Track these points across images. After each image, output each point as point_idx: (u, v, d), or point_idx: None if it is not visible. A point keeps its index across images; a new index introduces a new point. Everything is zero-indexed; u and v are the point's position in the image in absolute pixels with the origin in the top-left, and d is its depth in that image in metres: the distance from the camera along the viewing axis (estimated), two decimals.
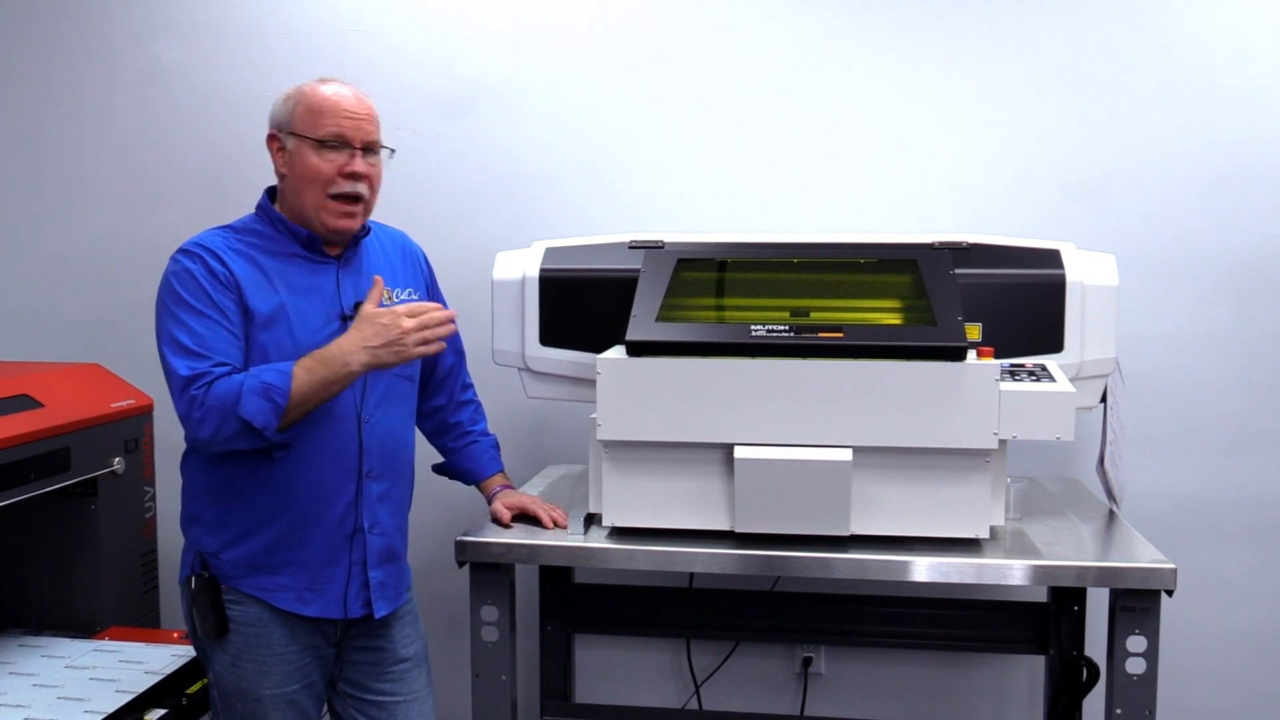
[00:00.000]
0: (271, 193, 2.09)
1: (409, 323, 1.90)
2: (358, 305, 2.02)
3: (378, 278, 2.01)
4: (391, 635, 2.14)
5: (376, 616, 2.08)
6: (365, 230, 2.12)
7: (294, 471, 1.98)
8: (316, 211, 2.00)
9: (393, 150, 2.09)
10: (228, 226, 2.06)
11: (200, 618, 2.00)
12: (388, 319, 1.91)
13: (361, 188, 2.01)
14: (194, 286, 1.94)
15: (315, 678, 2.07)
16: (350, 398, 2.01)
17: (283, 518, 1.99)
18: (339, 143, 1.98)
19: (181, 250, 1.98)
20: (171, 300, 1.95)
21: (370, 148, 2.02)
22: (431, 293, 2.27)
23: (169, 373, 1.93)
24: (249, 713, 2.02)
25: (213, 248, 1.98)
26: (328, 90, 2.01)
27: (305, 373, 1.88)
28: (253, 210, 2.08)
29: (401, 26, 2.98)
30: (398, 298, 2.13)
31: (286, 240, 2.04)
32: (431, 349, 1.94)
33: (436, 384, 2.32)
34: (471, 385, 2.39)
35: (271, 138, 2.04)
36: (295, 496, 1.99)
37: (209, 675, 2.07)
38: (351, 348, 1.89)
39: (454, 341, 2.33)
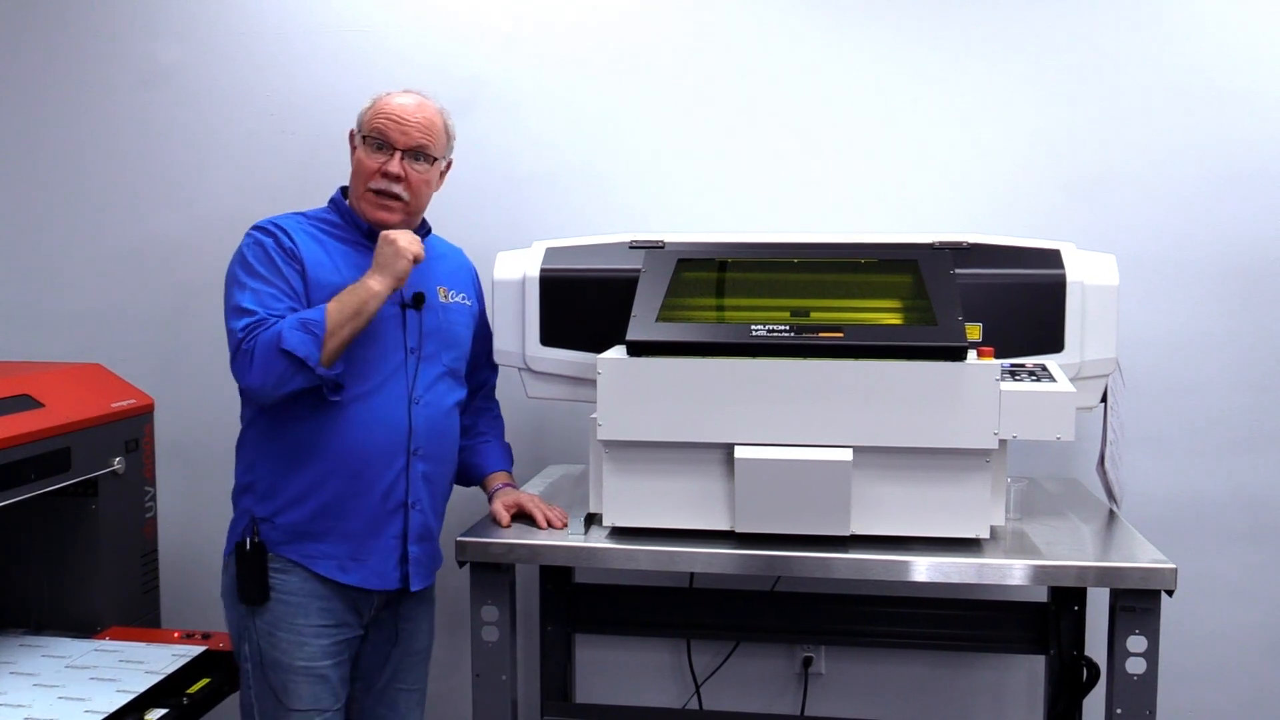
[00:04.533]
0: (346, 189, 2.26)
1: (394, 236, 2.08)
2: (418, 296, 2.18)
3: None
4: (412, 626, 2.26)
5: (413, 589, 2.18)
6: (426, 229, 2.29)
7: (346, 438, 2.09)
8: (358, 202, 2.19)
9: (449, 162, 2.27)
10: (300, 213, 2.23)
11: (242, 583, 2.10)
12: (381, 245, 2.09)
13: (397, 188, 2.16)
14: (263, 256, 2.10)
15: (345, 658, 2.17)
16: (403, 377, 2.14)
17: (332, 483, 2.10)
18: (381, 141, 2.15)
19: (256, 226, 2.15)
20: (241, 269, 2.11)
21: (416, 153, 2.16)
22: (482, 306, 2.44)
23: (229, 333, 2.07)
24: (280, 683, 2.11)
25: (285, 226, 2.15)
26: (392, 95, 2.19)
27: (335, 304, 2.04)
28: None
29: (401, 26, 2.98)
30: (452, 298, 2.28)
31: (351, 230, 2.21)
32: (416, 249, 2.09)
33: (469, 389, 2.40)
34: (496, 402, 2.51)
35: (351, 134, 2.23)
36: (346, 463, 2.10)
37: (243, 649, 2.17)
38: (365, 277, 2.07)
39: (490, 357, 2.46)
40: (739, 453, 2.06)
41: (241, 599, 2.13)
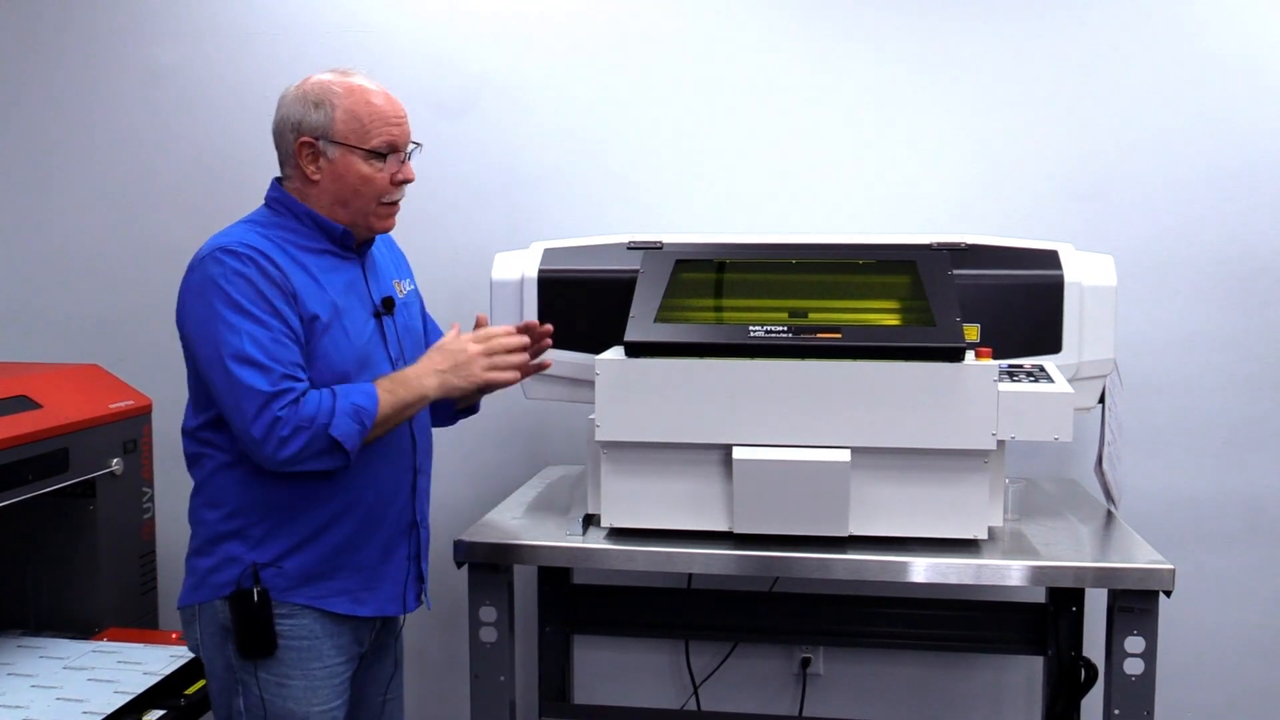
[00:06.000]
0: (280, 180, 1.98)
1: (475, 348, 1.92)
2: (386, 301, 2.00)
3: (456, 324, 2.01)
4: (398, 640, 2.16)
5: (429, 608, 2.11)
6: None
7: (363, 472, 1.92)
8: (365, 217, 1.94)
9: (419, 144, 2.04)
10: (251, 221, 1.93)
11: (247, 636, 1.87)
12: (455, 345, 1.93)
13: (403, 190, 1.99)
14: (252, 292, 1.81)
15: (350, 692, 2.02)
16: None
17: (347, 521, 1.93)
18: (390, 151, 1.93)
19: (225, 250, 1.83)
20: (226, 306, 1.80)
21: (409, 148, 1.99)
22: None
23: (240, 388, 1.78)
24: None
25: (261, 249, 1.85)
26: (367, 96, 1.91)
27: (388, 395, 1.86)
28: (256, 207, 1.98)
29: (401, 25, 2.97)
30: (405, 289, 2.11)
31: (317, 236, 1.94)
32: (504, 376, 1.94)
33: None
34: None
35: (305, 145, 1.89)
36: (364, 496, 1.94)
37: (236, 703, 1.93)
38: (424, 372, 1.90)
39: (428, 320, 2.25)
40: (737, 453, 2.06)
41: (245, 653, 1.88)
